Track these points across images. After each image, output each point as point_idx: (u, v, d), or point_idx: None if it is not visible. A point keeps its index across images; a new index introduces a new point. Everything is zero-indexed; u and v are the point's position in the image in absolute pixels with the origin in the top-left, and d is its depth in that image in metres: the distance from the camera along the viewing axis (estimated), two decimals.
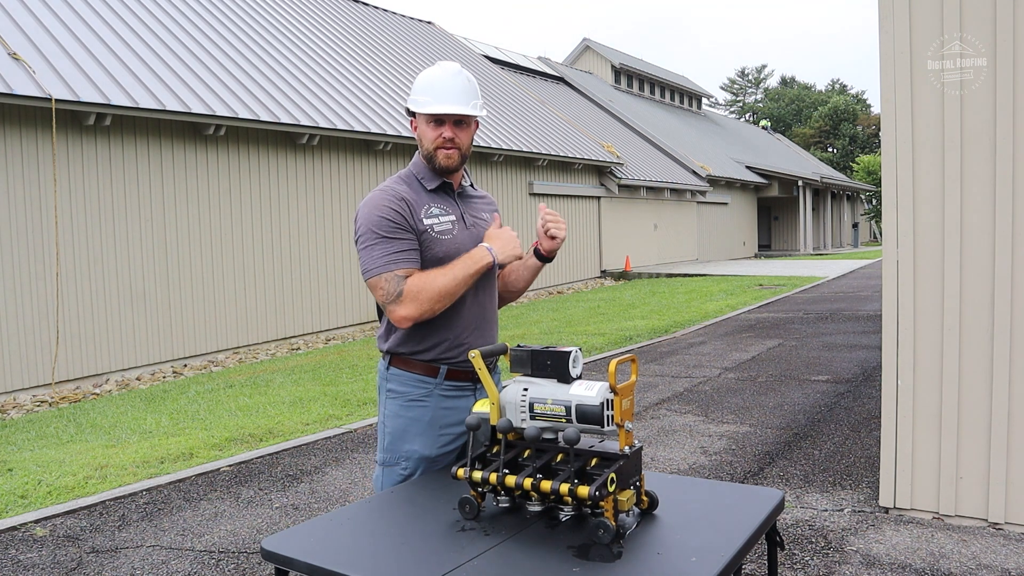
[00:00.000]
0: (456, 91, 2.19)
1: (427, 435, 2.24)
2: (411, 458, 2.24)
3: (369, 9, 19.23)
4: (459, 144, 2.23)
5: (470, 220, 2.30)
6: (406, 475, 2.25)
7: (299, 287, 11.16)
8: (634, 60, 33.08)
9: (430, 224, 2.20)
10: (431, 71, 2.24)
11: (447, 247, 2.20)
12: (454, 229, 2.24)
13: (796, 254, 30.86)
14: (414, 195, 2.23)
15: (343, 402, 6.77)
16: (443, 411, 2.26)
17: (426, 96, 2.20)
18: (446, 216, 2.24)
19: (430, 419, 2.24)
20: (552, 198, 17.35)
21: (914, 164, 3.67)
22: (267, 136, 10.71)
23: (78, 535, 3.99)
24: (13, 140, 8.00)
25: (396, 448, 2.26)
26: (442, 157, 2.22)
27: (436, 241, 2.20)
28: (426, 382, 2.25)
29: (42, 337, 8.15)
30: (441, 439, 2.25)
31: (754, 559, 3.35)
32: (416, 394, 2.25)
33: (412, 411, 2.25)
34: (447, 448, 2.26)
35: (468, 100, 2.21)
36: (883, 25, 3.70)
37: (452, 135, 2.21)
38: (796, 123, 67.81)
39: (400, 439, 2.26)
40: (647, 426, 5.74)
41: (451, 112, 2.18)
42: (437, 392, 2.25)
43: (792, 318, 11.25)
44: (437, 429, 2.25)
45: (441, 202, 2.26)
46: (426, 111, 2.19)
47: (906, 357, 3.74)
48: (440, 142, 2.21)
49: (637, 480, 1.78)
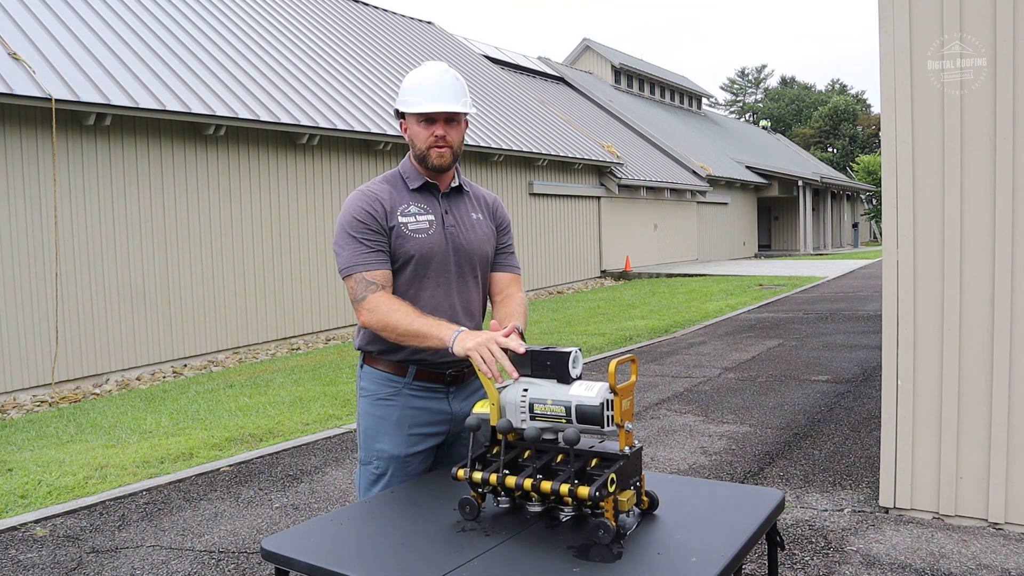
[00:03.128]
0: (445, 89, 2.20)
1: (395, 435, 2.24)
2: (381, 457, 2.25)
3: (369, 9, 19.23)
4: (451, 142, 2.23)
5: (452, 220, 2.28)
6: (378, 474, 2.25)
7: (299, 287, 11.16)
8: (634, 60, 33.09)
9: (404, 222, 2.21)
10: (418, 72, 2.25)
11: (420, 245, 2.20)
12: (430, 228, 2.23)
13: (796, 254, 30.86)
14: (395, 194, 2.24)
15: (343, 402, 6.77)
16: (411, 411, 2.24)
17: (415, 96, 2.20)
18: (424, 215, 2.24)
19: (397, 418, 2.24)
20: (552, 198, 17.36)
21: (914, 164, 3.67)
22: (267, 136, 10.71)
23: (78, 535, 3.99)
24: (13, 140, 8.00)
25: (368, 446, 2.28)
26: (435, 156, 2.22)
27: (408, 239, 2.20)
28: (395, 381, 2.25)
29: (42, 337, 8.15)
30: (410, 439, 2.24)
31: (754, 559, 3.35)
32: (384, 392, 2.26)
33: (380, 409, 2.26)
34: (416, 448, 2.25)
35: (457, 98, 2.21)
36: (883, 25, 3.70)
37: (444, 132, 2.21)
38: (796, 123, 67.82)
39: (371, 438, 2.27)
40: (647, 426, 5.74)
41: (441, 110, 2.18)
42: (406, 391, 2.25)
43: (792, 318, 11.25)
44: (405, 429, 2.24)
45: (422, 201, 2.26)
46: (416, 110, 2.19)
47: (906, 357, 3.74)
48: (432, 140, 2.21)
49: (637, 480, 1.78)
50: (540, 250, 16.92)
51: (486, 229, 2.36)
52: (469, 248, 2.29)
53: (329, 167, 11.72)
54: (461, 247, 2.27)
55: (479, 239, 2.32)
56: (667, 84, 34.18)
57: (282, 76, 11.96)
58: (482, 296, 2.39)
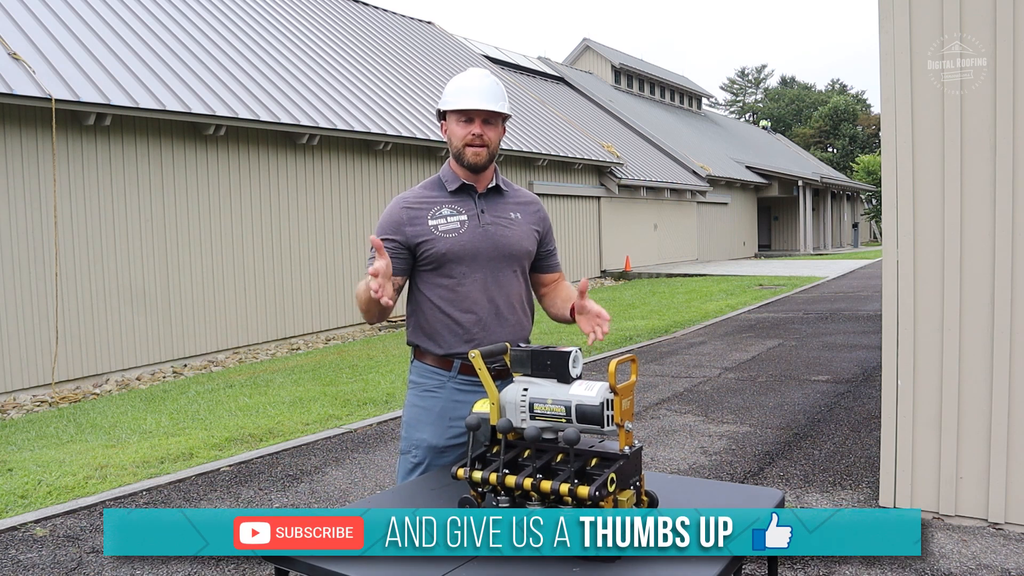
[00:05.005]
0: (484, 90, 2.29)
1: (436, 424, 2.32)
2: (420, 446, 2.33)
3: (369, 9, 19.23)
4: (487, 142, 2.30)
5: (488, 219, 2.35)
6: (415, 463, 2.33)
7: (299, 287, 11.16)
8: (634, 60, 33.08)
9: (435, 224, 2.30)
10: (461, 75, 2.35)
11: (450, 244, 2.28)
12: (461, 228, 2.30)
13: (796, 254, 30.85)
14: (430, 198, 2.34)
15: (343, 402, 6.77)
16: (454, 403, 2.32)
17: (455, 96, 2.30)
18: (455, 216, 2.32)
19: (440, 409, 2.32)
20: (552, 198, 17.36)
21: (914, 164, 3.67)
22: (267, 136, 10.71)
23: (78, 535, 3.99)
24: (13, 140, 8.00)
25: (409, 436, 2.36)
26: (470, 154, 2.30)
27: (439, 239, 2.28)
28: (440, 374, 2.34)
29: (42, 337, 8.15)
30: (450, 430, 2.32)
31: (754, 559, 3.35)
32: (430, 384, 2.35)
33: (425, 400, 2.35)
34: (456, 440, 2.32)
35: (496, 100, 2.30)
36: (883, 25, 3.70)
37: (480, 131, 2.29)
38: (796, 123, 67.80)
39: (413, 427, 2.36)
40: (647, 426, 5.74)
41: (479, 107, 2.26)
42: (451, 384, 2.33)
43: (792, 318, 11.25)
44: (446, 420, 2.32)
45: (457, 203, 2.34)
46: (455, 107, 2.28)
47: (906, 357, 3.74)
48: (469, 139, 2.28)
49: (637, 480, 1.78)
50: None
51: (525, 228, 2.42)
52: (507, 243, 2.35)
53: (329, 167, 11.72)
54: (499, 243, 2.34)
55: (517, 236, 2.39)
56: (667, 84, 34.18)
57: (282, 76, 11.96)
58: (526, 290, 2.45)
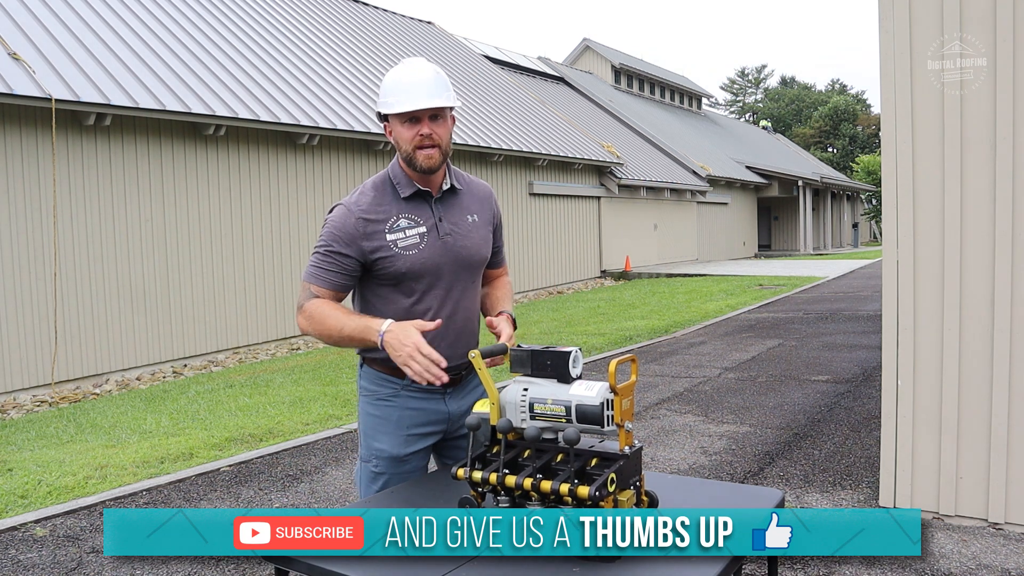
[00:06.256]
0: (426, 85, 2.09)
1: (394, 435, 2.24)
2: (380, 457, 2.25)
3: (369, 9, 19.23)
4: (438, 140, 2.13)
5: (446, 227, 2.21)
6: (377, 472, 2.26)
7: (299, 287, 11.15)
8: (634, 60, 33.08)
9: (393, 239, 2.15)
10: (396, 70, 2.15)
11: (410, 263, 2.16)
12: (421, 244, 2.17)
13: (796, 254, 30.86)
14: (383, 207, 2.18)
15: (343, 402, 6.77)
16: (410, 412, 2.25)
17: (395, 96, 2.11)
18: (414, 228, 2.17)
19: (397, 419, 2.24)
20: (552, 198, 17.36)
21: (914, 164, 3.67)
22: (267, 136, 10.71)
23: (78, 535, 3.99)
24: (13, 140, 8.00)
25: (368, 444, 2.28)
26: (422, 158, 2.13)
27: (398, 257, 2.15)
28: (393, 382, 2.24)
29: (42, 337, 8.15)
30: (409, 440, 2.25)
31: (754, 559, 3.35)
32: (383, 393, 2.26)
33: (380, 409, 2.26)
34: (413, 448, 2.26)
35: (440, 92, 2.11)
36: (883, 25, 3.70)
37: (430, 131, 2.11)
38: (796, 123, 67.80)
39: (371, 437, 2.27)
40: (647, 426, 5.74)
41: (424, 107, 2.08)
42: (404, 393, 2.24)
43: (792, 318, 11.25)
44: (404, 429, 2.25)
45: (414, 211, 2.19)
46: (398, 110, 2.10)
47: (906, 357, 3.74)
48: (418, 141, 2.11)
49: (637, 480, 1.78)
50: (540, 250, 16.92)
51: (483, 231, 2.32)
52: (467, 254, 2.25)
53: (329, 167, 11.72)
54: (459, 255, 2.23)
55: (476, 244, 2.28)
56: (667, 84, 34.18)
57: (282, 76, 11.96)
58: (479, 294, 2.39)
